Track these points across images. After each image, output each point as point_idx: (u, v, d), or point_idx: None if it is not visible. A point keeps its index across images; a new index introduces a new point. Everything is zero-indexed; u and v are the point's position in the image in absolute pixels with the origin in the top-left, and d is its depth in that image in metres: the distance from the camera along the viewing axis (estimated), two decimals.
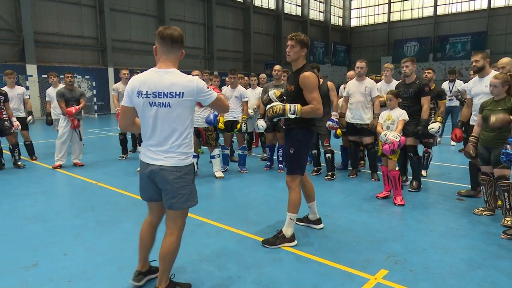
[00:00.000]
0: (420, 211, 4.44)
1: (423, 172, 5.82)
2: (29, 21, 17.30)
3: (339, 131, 5.98)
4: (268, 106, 3.53)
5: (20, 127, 6.88)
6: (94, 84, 19.71)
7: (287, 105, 3.36)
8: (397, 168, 4.86)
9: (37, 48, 17.84)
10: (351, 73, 6.46)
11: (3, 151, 6.70)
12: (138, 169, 6.42)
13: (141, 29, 22.35)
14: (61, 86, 7.54)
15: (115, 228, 3.97)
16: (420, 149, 5.58)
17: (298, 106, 3.32)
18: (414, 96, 5.09)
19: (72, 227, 3.98)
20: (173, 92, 2.35)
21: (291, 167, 3.51)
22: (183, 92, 2.35)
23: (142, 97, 2.38)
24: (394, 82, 5.99)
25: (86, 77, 19.38)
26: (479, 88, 4.55)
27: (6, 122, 6.55)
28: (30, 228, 3.95)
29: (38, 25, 18.03)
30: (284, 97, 3.63)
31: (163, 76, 2.37)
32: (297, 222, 3.90)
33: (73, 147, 6.94)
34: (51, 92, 7.94)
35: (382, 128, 4.82)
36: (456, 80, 9.25)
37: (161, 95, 2.35)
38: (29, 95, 7.85)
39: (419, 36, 33.65)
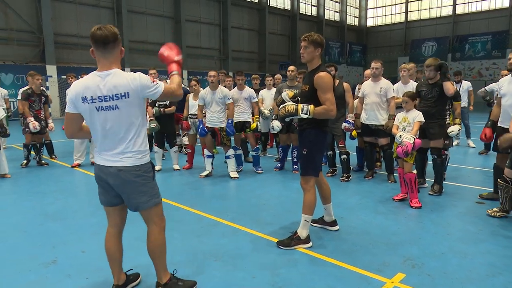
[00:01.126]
0: (438, 214, 4.35)
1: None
2: (49, 23, 17.71)
3: (354, 132, 5.92)
4: (281, 105, 3.52)
5: (54, 129, 7.24)
6: None
7: (300, 105, 3.34)
8: (414, 171, 4.78)
9: (57, 49, 18.24)
10: (368, 72, 6.38)
11: (20, 148, 6.90)
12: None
13: (158, 30, 22.62)
14: None
15: (131, 226, 3.99)
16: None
17: (311, 106, 3.30)
18: (438, 96, 4.91)
19: (89, 225, 4.05)
20: (118, 94, 2.27)
21: (305, 168, 3.49)
22: (128, 92, 2.28)
23: (88, 103, 2.29)
24: (412, 83, 5.89)
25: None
26: (508, 88, 4.42)
27: (42, 122, 6.92)
28: (49, 225, 4.04)
29: (58, 26, 18.43)
30: (298, 98, 3.61)
31: (105, 79, 2.28)
32: (312, 224, 3.87)
33: (91, 147, 7.08)
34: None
35: (397, 130, 4.75)
36: (463, 81, 9.02)
37: (107, 98, 2.27)
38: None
39: (437, 36, 33.05)
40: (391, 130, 5.14)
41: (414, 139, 4.43)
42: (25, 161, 6.99)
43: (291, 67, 6.36)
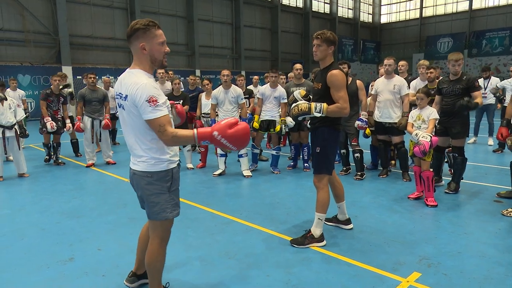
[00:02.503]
0: (454, 212, 4.28)
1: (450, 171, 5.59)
2: (65, 25, 18.01)
3: (368, 130, 5.85)
4: (294, 104, 3.50)
5: (71, 129, 7.39)
6: None
7: (313, 104, 3.33)
8: (431, 169, 4.70)
9: (72, 50, 18.54)
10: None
11: (38, 148, 7.04)
12: None
13: (170, 30, 22.76)
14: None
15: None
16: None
17: (324, 104, 3.28)
18: (460, 93, 4.76)
19: (105, 223, 4.12)
20: (122, 94, 2.18)
21: (318, 167, 3.47)
22: (127, 95, 2.14)
23: (115, 98, 2.30)
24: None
25: (118, 77, 19.95)
26: None
27: (59, 122, 7.03)
28: (66, 223, 4.12)
29: (73, 28, 18.73)
30: (310, 96, 3.59)
31: (126, 76, 2.21)
32: (326, 222, 3.85)
33: (102, 147, 7.18)
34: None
35: (412, 128, 4.68)
36: (492, 77, 8.83)
37: (121, 96, 2.21)
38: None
39: (453, 32, 32.41)
40: (404, 127, 5.07)
41: (431, 137, 4.36)
42: (47, 157, 7.19)
43: (298, 65, 6.33)
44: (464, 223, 3.96)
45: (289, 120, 6.14)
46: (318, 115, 3.30)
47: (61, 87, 7.44)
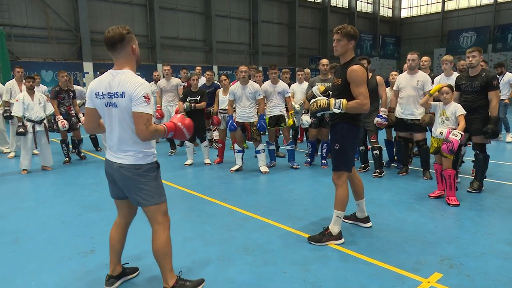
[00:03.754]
0: (477, 212, 4.16)
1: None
2: (86, 21, 18.35)
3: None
4: (312, 100, 3.46)
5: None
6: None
7: (332, 100, 3.27)
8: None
9: (93, 46, 18.88)
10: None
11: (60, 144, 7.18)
12: (186, 163, 6.67)
13: (188, 26, 22.91)
14: None
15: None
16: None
17: (344, 101, 3.22)
18: (479, 90, 4.62)
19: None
20: (118, 92, 2.34)
21: (337, 164, 3.43)
22: (124, 92, 2.33)
23: (100, 98, 2.41)
24: (455, 75, 5.65)
25: (137, 73, 20.14)
26: None
27: (73, 118, 7.06)
28: (87, 216, 4.21)
29: (94, 24, 19.05)
30: (330, 92, 3.54)
31: (115, 77, 2.37)
32: (344, 220, 3.81)
33: None
34: None
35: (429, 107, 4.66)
36: (507, 72, 8.52)
37: (111, 95, 2.36)
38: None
39: (476, 26, 31.47)
40: (427, 124, 4.96)
41: (461, 135, 4.24)
42: (66, 159, 7.06)
43: (324, 61, 6.24)
44: (488, 223, 3.85)
45: (306, 119, 6.09)
46: (338, 111, 3.25)
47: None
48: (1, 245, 3.46)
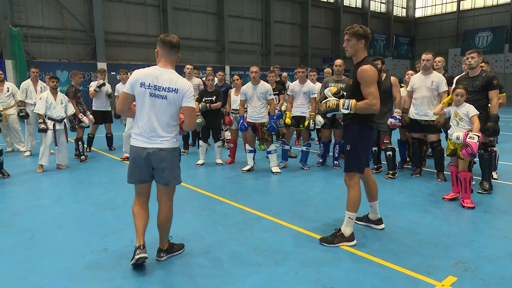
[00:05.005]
0: (493, 215, 4.08)
1: (493, 174, 5.33)
2: (100, 22, 18.58)
3: None
4: (323, 101, 3.44)
5: (93, 120, 7.52)
6: None
7: (341, 100, 3.25)
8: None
9: (107, 47, 19.10)
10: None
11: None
12: (198, 162, 6.71)
13: (201, 26, 23.00)
14: None
15: (177, 218, 4.10)
16: None
17: (353, 101, 3.19)
18: (480, 89, 4.69)
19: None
20: (170, 88, 2.83)
21: (348, 165, 3.40)
22: (177, 89, 2.84)
23: (145, 88, 2.83)
24: None
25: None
26: None
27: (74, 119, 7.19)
28: (101, 214, 4.26)
29: (108, 25, 19.28)
30: (344, 93, 3.51)
31: (164, 74, 2.86)
32: (356, 222, 3.78)
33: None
34: (120, 87, 8.50)
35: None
36: None
37: (160, 89, 2.83)
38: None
39: (493, 26, 30.83)
40: (442, 125, 4.89)
41: (478, 136, 4.17)
42: (83, 157, 7.15)
43: (338, 61, 6.16)
44: (504, 227, 3.77)
45: (319, 120, 6.05)
46: (346, 112, 3.23)
47: (97, 85, 7.69)
48: (17, 242, 3.53)
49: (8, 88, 7.82)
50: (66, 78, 17.75)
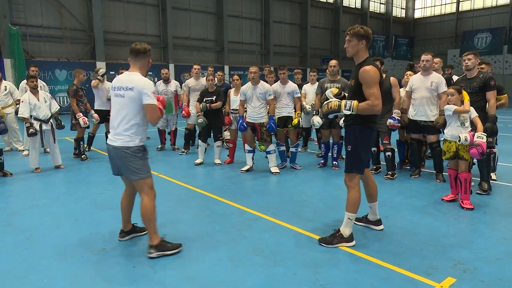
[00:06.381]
0: (492, 216, 4.08)
1: (492, 175, 5.34)
2: (99, 21, 18.55)
3: None
4: (324, 102, 3.44)
5: (98, 119, 7.50)
6: (156, 80, 20.68)
7: (343, 101, 3.25)
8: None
9: (106, 46, 19.07)
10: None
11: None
12: (196, 161, 6.70)
13: (200, 26, 22.98)
14: None
15: (175, 218, 4.13)
16: None
17: (355, 102, 3.19)
18: (478, 91, 4.74)
19: (136, 215, 4.16)
20: (127, 87, 3.06)
21: (349, 165, 3.40)
22: (133, 87, 3.04)
23: (113, 90, 3.18)
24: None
25: (149, 73, 20.40)
26: None
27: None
28: (99, 214, 4.25)
29: (107, 24, 19.25)
30: (345, 94, 3.51)
31: (127, 76, 3.14)
32: (355, 222, 3.77)
33: None
34: None
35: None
36: None
37: (120, 88, 3.10)
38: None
39: (492, 27, 30.85)
40: (441, 126, 4.89)
41: (486, 136, 4.20)
42: (84, 156, 7.15)
43: (333, 62, 6.20)
44: (503, 228, 3.77)
45: (317, 120, 6.07)
46: (348, 113, 3.23)
47: (101, 74, 7.67)
48: (15, 242, 3.51)
49: (5, 87, 7.79)
50: (65, 77, 17.72)
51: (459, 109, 4.36)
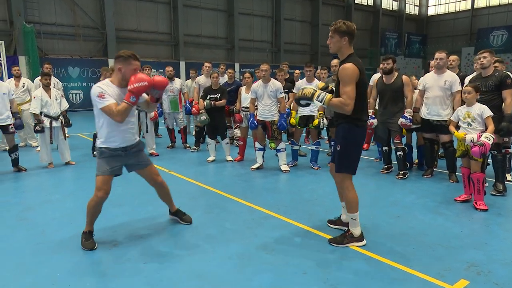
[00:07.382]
0: (507, 218, 4.01)
1: (507, 176, 5.23)
2: (112, 19, 18.71)
3: (404, 131, 5.64)
4: (301, 87, 3.38)
5: None
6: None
7: (318, 92, 3.19)
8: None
9: (118, 43, 19.22)
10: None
11: (86, 138, 7.34)
12: (208, 159, 6.72)
13: (211, 24, 23.02)
14: None
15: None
16: None
17: (328, 95, 3.13)
18: (494, 89, 4.65)
19: (146, 212, 4.24)
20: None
21: (339, 165, 3.33)
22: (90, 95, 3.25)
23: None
24: None
25: (160, 70, 20.50)
26: None
27: None
28: (110, 210, 4.27)
29: (119, 22, 19.41)
30: (333, 89, 3.41)
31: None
32: (329, 225, 3.77)
33: (146, 138, 7.35)
34: None
35: (454, 128, 4.47)
36: None
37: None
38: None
39: (508, 24, 30.26)
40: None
41: (493, 138, 4.11)
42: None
43: (334, 61, 6.17)
44: None
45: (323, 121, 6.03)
46: (319, 104, 3.21)
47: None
48: (29, 236, 3.57)
49: (24, 83, 7.93)
50: (77, 74, 17.94)
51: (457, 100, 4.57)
